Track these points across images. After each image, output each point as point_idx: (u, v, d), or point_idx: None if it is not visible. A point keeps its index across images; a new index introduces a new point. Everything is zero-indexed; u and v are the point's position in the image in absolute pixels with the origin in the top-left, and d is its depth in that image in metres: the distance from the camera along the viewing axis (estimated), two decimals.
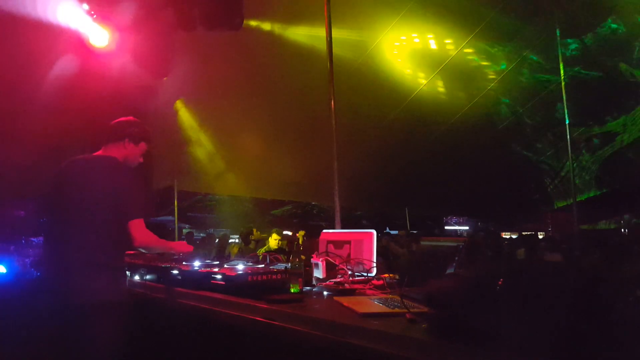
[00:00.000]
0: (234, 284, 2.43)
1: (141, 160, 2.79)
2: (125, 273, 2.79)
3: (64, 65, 5.58)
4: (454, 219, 21.35)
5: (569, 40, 8.04)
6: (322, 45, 5.22)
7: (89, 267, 2.43)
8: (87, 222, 2.47)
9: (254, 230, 8.26)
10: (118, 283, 2.56)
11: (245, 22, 4.89)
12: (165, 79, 6.07)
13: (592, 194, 10.49)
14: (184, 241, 5.20)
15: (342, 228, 4.83)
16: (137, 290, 3.05)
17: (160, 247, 2.80)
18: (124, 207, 2.49)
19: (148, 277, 3.10)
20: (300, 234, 8.17)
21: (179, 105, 8.53)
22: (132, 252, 3.61)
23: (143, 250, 2.78)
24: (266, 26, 7.07)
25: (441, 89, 8.74)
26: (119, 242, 2.53)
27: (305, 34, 7.01)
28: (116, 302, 2.47)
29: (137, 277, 3.19)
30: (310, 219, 17.01)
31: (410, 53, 8.28)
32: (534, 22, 7.71)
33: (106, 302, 2.43)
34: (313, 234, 9.19)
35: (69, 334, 2.47)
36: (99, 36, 5.20)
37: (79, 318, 2.40)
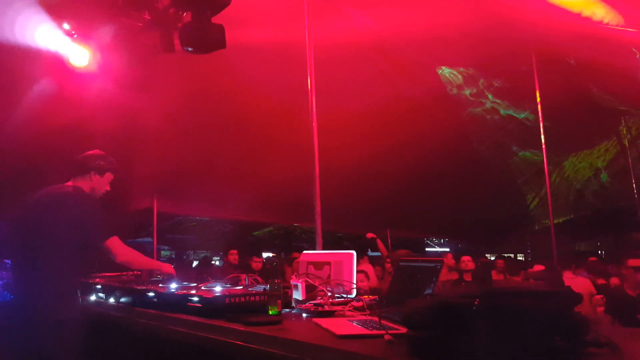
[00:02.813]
0: (211, 306, 2.38)
1: (108, 188, 3.06)
2: (78, 293, 3.01)
3: (43, 85, 5.50)
4: (435, 240, 21.45)
5: None
6: (303, 64, 5.26)
7: (56, 291, 2.69)
8: (56, 250, 2.72)
9: None
10: (76, 302, 2.86)
11: (228, 40, 4.88)
12: (146, 98, 6.02)
13: (570, 217, 10.67)
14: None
15: (324, 249, 4.81)
16: (111, 312, 2.97)
17: (146, 263, 3.14)
18: (92, 235, 2.79)
19: (123, 299, 3.02)
20: None
21: None
22: (113, 274, 3.58)
23: (129, 266, 3.05)
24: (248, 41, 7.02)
25: (422, 111, 8.84)
26: (81, 267, 2.86)
27: (287, 51, 6.99)
28: (74, 318, 2.73)
29: (112, 300, 3.10)
30: (293, 240, 16.89)
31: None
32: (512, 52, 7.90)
33: (69, 320, 2.68)
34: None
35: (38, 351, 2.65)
36: (79, 56, 5.16)
37: (48, 337, 2.62)
